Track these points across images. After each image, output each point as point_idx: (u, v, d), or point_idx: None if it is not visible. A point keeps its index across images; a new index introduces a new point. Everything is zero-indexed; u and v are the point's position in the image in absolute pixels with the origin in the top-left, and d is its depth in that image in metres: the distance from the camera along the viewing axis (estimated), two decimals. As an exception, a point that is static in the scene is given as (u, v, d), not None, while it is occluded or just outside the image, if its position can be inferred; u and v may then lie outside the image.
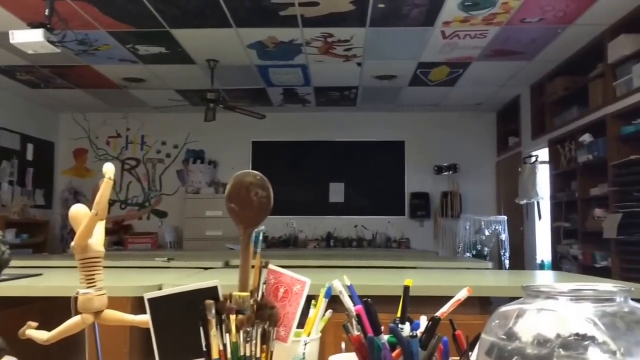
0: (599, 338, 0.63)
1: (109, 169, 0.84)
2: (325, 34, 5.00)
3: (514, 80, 6.55)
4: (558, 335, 0.66)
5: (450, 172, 7.96)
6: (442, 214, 7.93)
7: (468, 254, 6.57)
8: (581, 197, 5.45)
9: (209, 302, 0.76)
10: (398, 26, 4.78)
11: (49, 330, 0.82)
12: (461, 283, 2.44)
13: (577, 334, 0.65)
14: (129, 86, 6.87)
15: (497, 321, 0.74)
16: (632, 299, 0.70)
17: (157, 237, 7.87)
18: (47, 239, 7.51)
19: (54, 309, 1.74)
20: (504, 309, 0.74)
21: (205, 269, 3.21)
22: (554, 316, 0.68)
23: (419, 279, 2.53)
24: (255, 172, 0.85)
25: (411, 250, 7.62)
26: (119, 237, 7.79)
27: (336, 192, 8.16)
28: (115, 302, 0.98)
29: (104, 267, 0.86)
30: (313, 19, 4.66)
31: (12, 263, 2.01)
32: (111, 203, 8.22)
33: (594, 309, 0.66)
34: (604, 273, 4.81)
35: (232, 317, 0.76)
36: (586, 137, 5.32)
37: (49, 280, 2.30)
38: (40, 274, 2.49)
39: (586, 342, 0.64)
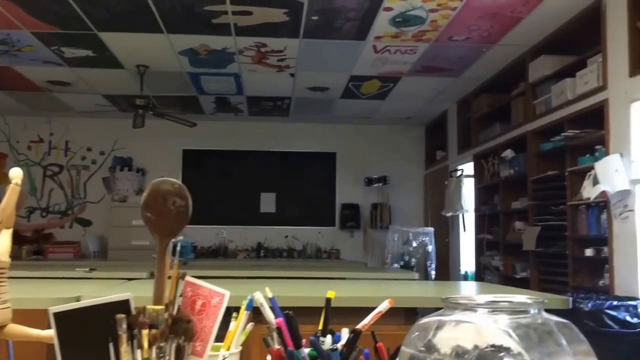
0: (513, 349, 0.64)
1: (15, 173, 0.79)
2: (258, 43, 4.98)
3: (442, 96, 6.76)
4: (475, 347, 0.66)
5: (380, 184, 8.09)
6: (372, 225, 8.05)
7: (396, 265, 6.68)
8: (503, 210, 5.67)
9: (120, 316, 0.72)
10: (331, 39, 4.83)
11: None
12: (387, 294, 2.47)
13: (493, 346, 0.65)
14: (53, 89, 6.56)
15: (416, 333, 0.74)
16: (546, 310, 0.72)
17: (79, 247, 7.53)
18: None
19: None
20: (423, 321, 0.74)
21: (130, 279, 3.09)
22: (472, 328, 0.69)
23: (347, 290, 2.53)
24: (173, 180, 0.81)
25: (341, 260, 7.67)
26: (39, 246, 7.41)
27: (267, 202, 8.11)
28: (30, 315, 0.92)
29: (21, 277, 0.80)
30: (246, 28, 4.62)
31: None
32: (31, 210, 7.84)
33: (509, 320, 0.67)
34: (524, 284, 5.00)
35: (145, 332, 0.72)
36: (508, 153, 5.55)
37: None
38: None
39: (502, 354, 0.64)
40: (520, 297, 0.73)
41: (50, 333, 0.75)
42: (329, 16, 4.36)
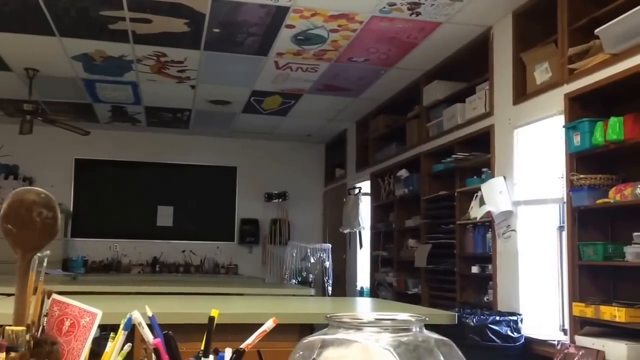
0: (396, 367, 0.64)
1: None
2: (158, 52, 4.82)
3: (342, 115, 6.90)
4: (359, 365, 0.65)
5: (280, 200, 8.09)
6: (271, 240, 8.01)
7: (294, 281, 6.67)
8: (397, 228, 5.85)
9: (-29, 340, 0.64)
10: (233, 52, 4.78)
11: None
12: (282, 310, 2.44)
13: (376, 364, 0.65)
14: None
15: (300, 352, 0.72)
16: (431, 325, 0.72)
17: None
18: None
19: None
20: (307, 339, 0.73)
21: (8, 295, 2.83)
22: (356, 346, 0.68)
23: (241, 306, 2.48)
24: (39, 189, 0.74)
25: (239, 276, 7.56)
26: None
27: (164, 215, 7.83)
28: None
29: None
30: (145, 36, 4.46)
31: None
32: None
33: (392, 338, 0.67)
34: (415, 299, 5.17)
35: (2, 355, 0.65)
36: (403, 173, 5.74)
37: None
38: None
39: (384, 372, 0.64)
40: (403, 315, 0.73)
41: None
42: (231, 30, 4.32)
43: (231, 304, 2.63)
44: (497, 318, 3.55)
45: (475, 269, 4.33)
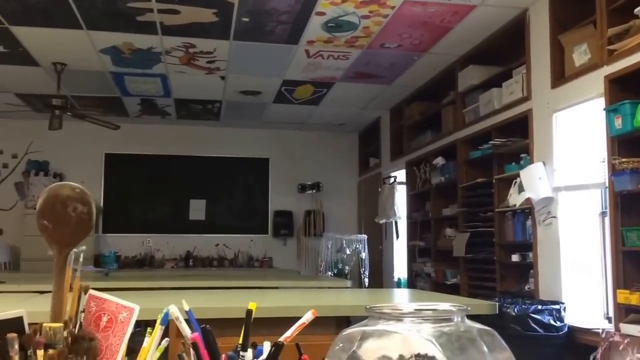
0: (438, 358, 0.64)
1: None
2: (186, 44, 4.87)
3: (375, 103, 6.86)
4: (400, 357, 0.66)
5: (314, 191, 8.10)
6: (305, 232, 8.04)
7: (329, 273, 6.69)
8: (434, 217, 5.81)
9: (11, 335, 0.66)
10: (263, 41, 4.79)
11: None
12: (318, 303, 2.45)
13: (418, 355, 0.65)
14: (-41, 87, 6.16)
15: (340, 344, 0.72)
16: (472, 316, 0.72)
17: (-11, 258, 7.09)
18: None
19: None
20: (347, 331, 0.73)
21: (42, 292, 2.92)
22: (397, 337, 0.68)
23: (278, 300, 2.50)
24: (75, 184, 0.76)
25: (273, 269, 7.62)
26: (-57, 258, 6.93)
27: (197, 209, 7.93)
28: None
29: None
30: (173, 28, 4.51)
31: None
32: None
33: (433, 329, 0.67)
34: (454, 290, 5.14)
35: (40, 352, 0.66)
36: (439, 160, 5.70)
37: None
38: None
39: (426, 363, 0.64)
40: (444, 305, 0.73)
41: None
42: (260, 18, 4.33)
43: (266, 298, 2.65)
44: (539, 307, 3.51)
45: (515, 258, 4.28)
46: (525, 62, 4.18)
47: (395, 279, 6.93)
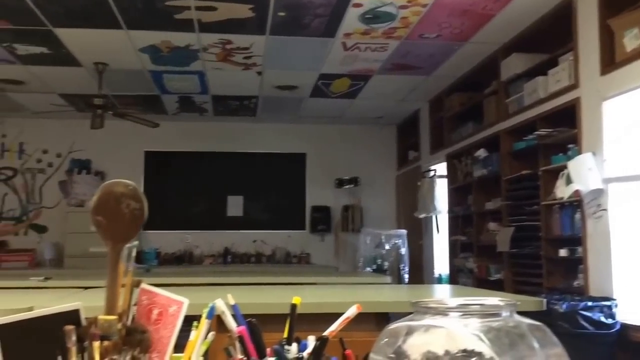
0: (485, 354, 0.64)
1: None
2: (223, 40, 4.93)
3: (414, 95, 6.81)
4: (446, 352, 0.66)
5: (352, 186, 8.10)
6: (343, 228, 8.05)
7: (368, 269, 6.70)
8: (476, 211, 5.74)
9: (69, 327, 0.69)
10: (299, 35, 4.82)
11: None
12: (358, 299, 2.46)
13: (464, 350, 0.65)
14: (5, 88, 6.39)
15: (386, 339, 0.73)
16: (520, 312, 0.72)
17: (34, 254, 7.35)
18: None
19: None
20: (392, 326, 0.74)
21: (86, 288, 3.02)
22: (443, 333, 0.69)
23: (316, 296, 2.52)
24: (128, 181, 0.79)
25: (311, 265, 7.66)
26: (-9, 254, 7.22)
27: (234, 205, 8.04)
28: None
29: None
30: (210, 24, 4.58)
31: None
32: (-17, 217, 7.61)
33: (480, 324, 0.67)
34: (498, 286, 5.07)
35: (96, 344, 0.70)
36: (481, 153, 5.62)
37: None
38: None
39: (473, 359, 0.64)
40: (492, 300, 0.73)
41: (-5, 347, 0.72)
42: (296, 12, 4.35)
43: (305, 294, 2.68)
44: (589, 304, 3.44)
45: (563, 252, 4.20)
46: (572, 48, 4.07)
47: (436, 275, 6.88)
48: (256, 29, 4.69)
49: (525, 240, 4.71)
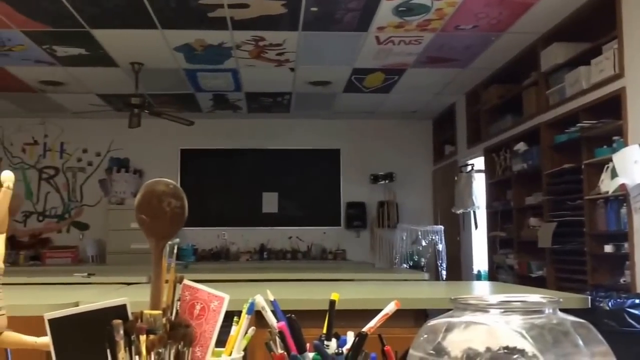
0: (528, 351, 0.64)
1: (7, 176, 0.79)
2: (256, 37, 4.97)
3: (450, 88, 6.75)
4: (487, 349, 0.66)
5: (387, 181, 8.08)
6: (379, 224, 8.04)
7: (405, 265, 6.67)
8: (516, 206, 5.65)
9: (117, 322, 0.72)
10: (331, 31, 4.82)
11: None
12: (395, 295, 2.46)
13: (506, 348, 0.65)
14: (46, 90, 6.59)
15: (425, 336, 0.73)
16: (561, 310, 0.71)
17: (77, 251, 7.57)
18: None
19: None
20: (432, 322, 0.74)
21: (128, 284, 3.10)
22: (483, 329, 0.69)
23: (353, 292, 2.53)
24: (169, 180, 0.82)
25: (347, 261, 7.67)
26: (36, 251, 7.48)
27: (269, 202, 8.11)
28: (28, 322, 0.92)
29: (18, 283, 0.81)
30: (243, 22, 4.62)
31: None
32: (28, 215, 7.89)
33: (523, 321, 0.67)
34: (540, 283, 4.99)
35: (143, 337, 0.73)
36: (521, 146, 5.53)
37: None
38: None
39: (515, 356, 0.64)
40: (534, 297, 0.73)
41: (46, 340, 0.75)
42: (328, 7, 4.36)
43: (342, 290, 2.69)
44: (637, 301, 3.35)
45: (608, 248, 4.10)
46: (616, 36, 3.95)
47: (475, 272, 6.81)
48: (289, 25, 4.71)
49: (568, 235, 4.62)
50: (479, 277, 6.68)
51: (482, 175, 6.52)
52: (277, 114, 7.90)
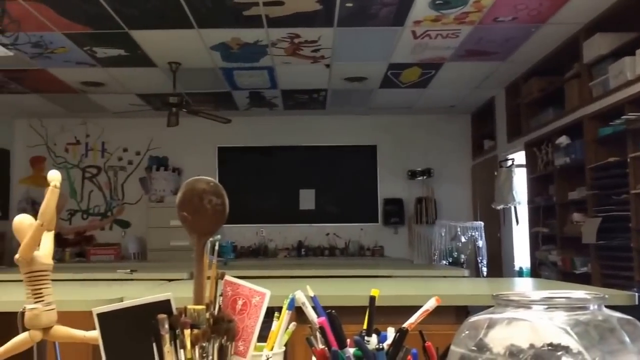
0: (573, 348, 0.63)
1: (54, 176, 0.82)
2: (291, 34, 5.00)
3: (488, 82, 6.65)
4: (531, 346, 0.65)
5: (425, 177, 8.02)
6: (417, 220, 7.99)
7: (444, 262, 6.61)
8: (559, 201, 5.54)
9: (162, 316, 0.74)
10: (367, 26, 4.81)
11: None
12: (435, 292, 2.45)
13: (550, 344, 0.64)
14: (87, 90, 6.76)
15: (467, 332, 0.73)
16: (607, 307, 0.70)
17: (120, 248, 7.76)
18: (4, 251, 7.33)
19: (9, 326, 1.69)
20: (473, 319, 0.74)
21: (170, 280, 3.17)
22: (526, 326, 0.68)
23: (392, 288, 2.53)
24: (209, 178, 0.83)
25: (385, 258, 7.64)
26: (81, 248, 7.70)
27: (307, 199, 8.14)
28: (73, 317, 0.95)
29: (65, 280, 0.84)
30: (278, 19, 4.65)
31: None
32: (73, 213, 8.12)
33: (567, 317, 0.66)
34: (584, 279, 4.88)
35: (187, 331, 0.75)
36: (563, 140, 5.42)
37: (1, 295, 2.24)
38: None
39: (560, 353, 0.63)
40: (579, 293, 0.72)
41: (95, 334, 0.78)
42: (364, 2, 4.34)
43: (381, 287, 2.69)
44: (686, 299, 3.25)
45: (656, 244, 3.99)
46: (663, 24, 3.85)
47: (517, 268, 6.71)
48: (324, 22, 4.72)
49: (614, 231, 4.51)
50: (520, 274, 6.58)
51: (523, 170, 6.41)
52: (313, 110, 7.92)
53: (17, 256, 0.80)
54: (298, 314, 0.89)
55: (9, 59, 4.94)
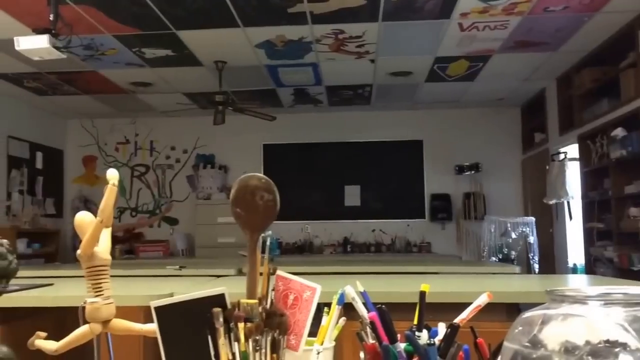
0: (631, 345, 0.62)
1: (112, 175, 0.85)
2: (336, 30, 5.00)
3: (539, 73, 6.50)
4: (587, 342, 0.64)
5: (473, 172, 7.90)
6: (465, 216, 7.88)
7: (494, 259, 6.51)
8: (615, 195, 5.39)
9: (217, 310, 0.77)
10: (412, 20, 4.77)
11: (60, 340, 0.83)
12: (485, 288, 2.42)
13: (607, 341, 0.63)
14: (136, 91, 6.94)
15: (520, 328, 0.73)
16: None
17: (168, 245, 7.93)
18: (58, 248, 7.62)
19: (65, 319, 1.77)
20: (527, 314, 0.73)
21: (218, 276, 3.23)
22: (582, 322, 0.67)
23: (441, 285, 2.51)
24: (260, 175, 0.85)
25: (432, 254, 7.58)
26: (131, 245, 7.90)
27: (352, 195, 8.14)
28: (126, 312, 0.99)
29: (116, 275, 0.87)
30: (323, 16, 4.66)
31: (24, 273, 2.03)
32: (122, 211, 8.35)
33: (625, 313, 0.65)
34: (642, 276, 4.74)
35: (241, 325, 0.77)
36: (619, 132, 5.27)
37: (60, 290, 2.33)
38: (51, 284, 2.53)
39: (617, 349, 0.62)
40: (637, 289, 0.70)
41: (152, 327, 0.81)
42: (410, -5, 4.31)
43: (429, 283, 2.67)
44: None
45: None
46: None
47: (570, 265, 6.54)
48: (368, 17, 4.71)
49: (673, 226, 4.35)
50: (574, 270, 6.42)
51: (576, 164, 6.25)
52: (358, 106, 7.91)
53: (78, 252, 0.84)
54: (346, 310, 0.90)
55: (62, 62, 5.12)
